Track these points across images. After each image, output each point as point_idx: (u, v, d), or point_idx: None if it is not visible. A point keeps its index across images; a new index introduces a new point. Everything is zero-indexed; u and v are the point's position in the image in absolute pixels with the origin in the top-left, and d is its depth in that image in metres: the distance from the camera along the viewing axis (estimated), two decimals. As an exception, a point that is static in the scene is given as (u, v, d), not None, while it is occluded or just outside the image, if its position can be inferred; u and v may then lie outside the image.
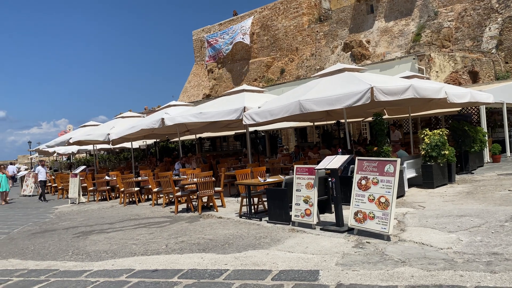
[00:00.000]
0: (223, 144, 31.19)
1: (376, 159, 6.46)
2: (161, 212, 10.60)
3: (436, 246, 5.43)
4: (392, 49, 26.90)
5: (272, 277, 4.82)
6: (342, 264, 5.02)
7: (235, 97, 12.31)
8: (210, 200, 10.12)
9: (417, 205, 8.23)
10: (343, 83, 9.19)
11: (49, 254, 7.17)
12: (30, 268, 6.37)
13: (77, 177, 14.90)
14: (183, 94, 41.27)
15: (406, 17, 26.87)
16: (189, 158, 15.16)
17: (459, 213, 7.18)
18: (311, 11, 32.84)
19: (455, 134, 12.66)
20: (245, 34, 34.35)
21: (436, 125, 19.81)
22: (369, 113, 13.12)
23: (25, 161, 49.92)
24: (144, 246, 7.03)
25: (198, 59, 41.11)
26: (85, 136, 16.44)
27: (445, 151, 10.28)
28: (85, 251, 7.07)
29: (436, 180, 10.18)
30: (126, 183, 12.93)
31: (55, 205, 14.73)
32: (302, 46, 32.18)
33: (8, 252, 7.63)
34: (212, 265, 5.54)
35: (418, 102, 12.00)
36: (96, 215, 11.30)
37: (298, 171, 7.47)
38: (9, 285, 5.58)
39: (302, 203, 7.24)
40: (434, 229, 6.30)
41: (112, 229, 8.86)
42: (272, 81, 31.71)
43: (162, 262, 5.91)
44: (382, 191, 6.09)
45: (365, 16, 28.91)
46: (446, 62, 20.57)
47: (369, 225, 6.15)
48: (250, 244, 6.45)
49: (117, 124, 16.52)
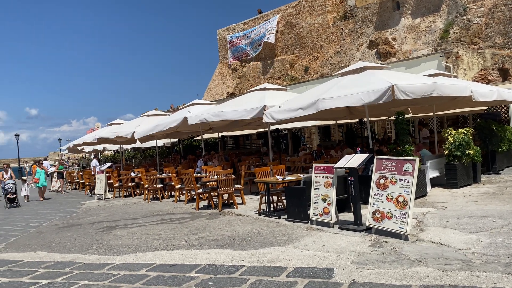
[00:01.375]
0: (246, 142, 31.34)
1: (395, 158, 6.41)
2: (183, 209, 10.79)
3: (455, 246, 5.35)
4: (418, 47, 26.37)
5: (287, 274, 4.87)
6: (358, 263, 5.02)
7: (256, 95, 12.39)
8: (231, 198, 10.24)
9: (439, 205, 8.10)
10: (364, 81, 9.12)
11: (74, 247, 7.44)
12: (56, 260, 6.63)
13: (103, 173, 15.33)
14: (207, 93, 41.65)
15: (434, 13, 26.26)
16: (211, 156, 15.35)
17: (481, 214, 7.04)
18: (336, 8, 32.53)
19: (482, 133, 12.35)
20: (271, 33, 34.40)
21: (463, 124, 19.34)
22: (393, 111, 12.95)
23: (55, 158, 51.46)
24: (164, 241, 7.20)
25: (222, 58, 41.39)
26: (111, 133, 16.87)
27: (470, 151, 10.06)
28: (108, 245, 7.30)
29: (460, 180, 9.98)
30: (150, 179, 13.22)
31: (83, 201, 15.20)
32: (326, 44, 31.93)
33: (37, 245, 7.96)
34: (229, 261, 5.64)
35: (442, 101, 11.77)
36: (121, 210, 11.61)
37: (316, 170, 7.49)
38: (36, 276, 5.83)
39: (321, 202, 7.25)
40: (454, 229, 6.21)
41: (135, 224, 9.10)
42: (295, 79, 31.61)
43: (181, 257, 6.05)
44: (400, 191, 6.05)
45: (391, 13, 28.43)
46: (474, 59, 20.04)
47: (387, 224, 6.11)
48: (268, 241, 6.52)
49: (143, 122, 16.87)
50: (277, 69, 34.73)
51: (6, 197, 15.15)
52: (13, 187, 15.29)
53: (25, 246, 7.94)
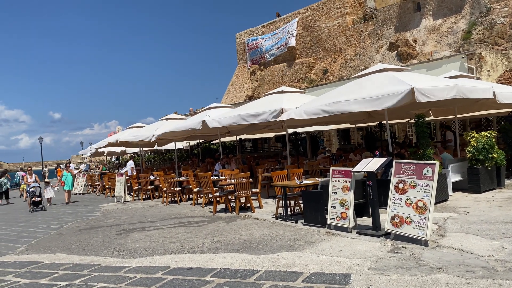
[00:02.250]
0: (264, 145, 31.28)
1: (414, 162, 6.27)
2: (200, 212, 10.82)
3: (477, 253, 5.19)
4: (440, 48, 25.87)
5: (302, 279, 4.80)
6: (375, 269, 4.92)
7: (273, 98, 12.35)
8: (248, 201, 10.21)
9: (461, 210, 7.89)
10: (383, 83, 8.96)
11: (93, 249, 7.53)
12: (75, 262, 6.72)
13: (123, 176, 15.52)
14: (226, 96, 41.80)
15: (456, 14, 25.74)
16: (229, 159, 15.36)
17: (505, 220, 6.82)
18: (355, 10, 32.26)
19: (507, 136, 12.02)
20: (292, 36, 34.38)
21: (487, 127, 18.83)
22: (413, 114, 12.71)
23: (77, 161, 52.47)
24: (181, 244, 7.22)
25: (241, 61, 41.51)
26: (131, 137, 17.08)
27: (493, 154, 9.79)
28: (126, 248, 7.36)
29: (483, 184, 9.71)
30: (169, 182, 13.31)
31: (103, 203, 15.42)
32: (346, 46, 31.66)
33: (56, 247, 8.09)
34: (244, 265, 5.60)
35: (464, 103, 11.48)
36: (139, 213, 11.72)
37: (334, 174, 7.39)
38: (55, 278, 5.91)
39: (338, 206, 7.16)
40: (476, 235, 6.03)
41: (153, 227, 9.16)
42: (314, 82, 31.44)
43: (197, 261, 6.04)
44: (420, 195, 5.91)
45: (411, 14, 28.01)
46: (498, 60, 19.51)
47: (406, 229, 5.98)
48: (284, 246, 6.46)
49: (162, 126, 17.02)
50: (296, 72, 34.62)
51: (31, 201, 15.14)
52: (38, 190, 15.30)
53: (45, 248, 8.08)
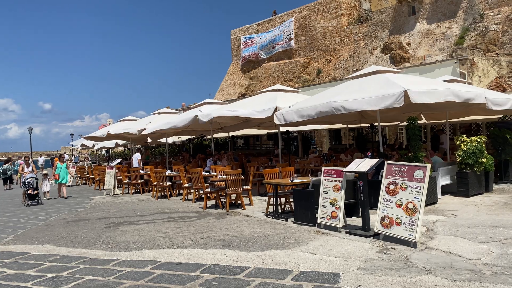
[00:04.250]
0: (256, 143, 31.28)
1: (405, 164, 6.31)
2: (190, 207, 10.79)
3: (465, 256, 5.25)
4: (433, 52, 26.07)
5: (292, 277, 4.82)
6: (364, 269, 4.95)
7: (267, 96, 12.34)
8: (238, 198, 10.21)
9: (449, 213, 7.97)
10: (376, 85, 9.01)
11: (81, 242, 7.47)
12: (62, 254, 6.66)
13: (113, 169, 15.41)
14: (219, 93, 41.70)
15: (450, 19, 25.95)
16: (221, 155, 15.33)
17: (493, 224, 6.91)
18: (350, 12, 32.35)
19: (495, 141, 12.16)
20: (291, 39, 34.38)
21: (476, 132, 19.06)
22: (405, 117, 12.81)
23: (68, 153, 51.96)
24: (170, 239, 7.19)
25: (235, 58, 41.43)
26: (122, 130, 16.96)
27: (483, 159, 9.90)
28: (114, 241, 7.31)
29: (472, 188, 9.82)
30: (159, 177, 13.25)
31: (92, 196, 15.30)
32: (340, 47, 31.75)
33: (44, 238, 8.01)
34: (234, 261, 5.60)
35: (456, 108, 11.59)
36: (129, 207, 11.65)
37: (325, 173, 7.41)
38: (42, 269, 5.85)
39: (329, 205, 7.18)
40: (464, 238, 6.09)
41: (142, 221, 9.11)
42: (308, 81, 31.50)
43: (186, 256, 6.02)
44: (410, 197, 5.96)
45: (406, 17, 28.17)
46: (490, 66, 19.73)
47: (395, 231, 6.02)
48: (274, 243, 6.47)
49: (153, 120, 16.94)
50: (290, 71, 34.64)
51: (26, 193, 13.48)
52: (34, 182, 13.59)
53: (32, 239, 8.00)
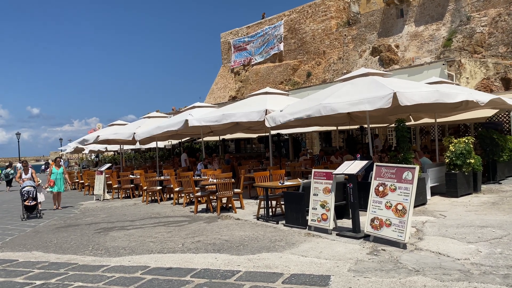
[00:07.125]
0: (247, 146, 31.30)
1: (394, 165, 6.36)
2: (181, 212, 10.74)
3: (453, 256, 5.30)
4: (421, 54, 26.36)
5: (282, 280, 4.82)
6: (355, 271, 4.97)
7: (257, 99, 12.37)
8: (229, 201, 10.19)
9: (438, 214, 8.04)
10: (366, 87, 9.09)
11: (70, 248, 7.39)
12: (51, 261, 6.58)
13: (102, 174, 15.29)
14: (209, 96, 41.66)
15: (437, 21, 26.27)
16: (212, 159, 15.30)
17: (481, 224, 6.98)
18: (339, 14, 32.59)
19: (483, 142, 12.31)
20: (281, 42, 34.53)
21: (464, 133, 19.28)
22: (394, 119, 12.92)
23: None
24: (161, 244, 7.15)
25: (225, 61, 41.45)
26: (112, 135, 16.84)
27: (471, 160, 10.01)
28: (104, 247, 7.25)
29: (460, 189, 9.92)
30: (149, 181, 13.17)
31: (81, 201, 15.15)
32: (329, 49, 31.95)
33: (32, 245, 7.91)
34: (225, 265, 5.58)
35: (444, 109, 11.74)
36: (119, 212, 11.56)
37: (316, 175, 7.44)
38: (30, 276, 5.78)
39: (319, 208, 7.20)
40: (453, 239, 6.15)
41: (132, 226, 9.05)
42: (298, 84, 31.61)
43: (177, 261, 5.99)
44: (399, 198, 6.00)
45: (394, 20, 28.46)
46: (477, 68, 20.01)
47: (385, 232, 6.06)
48: (265, 246, 6.46)
49: (144, 124, 16.84)
50: (280, 73, 34.74)
51: (23, 204, 11.43)
52: (33, 192, 11.60)
53: (21, 246, 7.89)
